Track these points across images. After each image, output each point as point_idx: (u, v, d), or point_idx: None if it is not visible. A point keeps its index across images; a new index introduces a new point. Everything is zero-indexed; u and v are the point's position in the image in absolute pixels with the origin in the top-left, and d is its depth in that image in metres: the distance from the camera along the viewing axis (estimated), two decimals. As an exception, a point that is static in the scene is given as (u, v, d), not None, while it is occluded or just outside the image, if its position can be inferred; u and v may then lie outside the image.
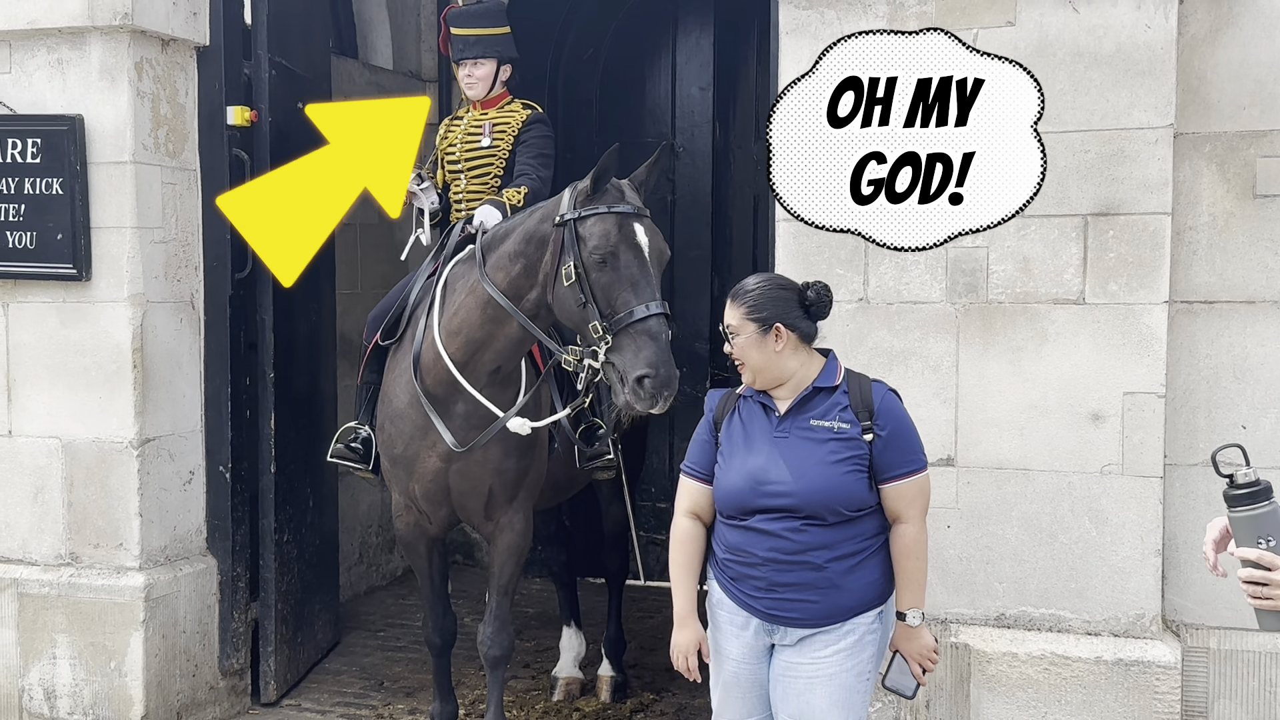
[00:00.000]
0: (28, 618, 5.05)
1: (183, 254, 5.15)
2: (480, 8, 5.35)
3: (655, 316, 3.93)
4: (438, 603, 4.88)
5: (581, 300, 4.03)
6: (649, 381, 3.86)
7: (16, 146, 4.94)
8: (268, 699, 5.48)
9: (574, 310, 4.09)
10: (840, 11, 4.39)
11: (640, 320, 3.92)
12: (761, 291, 3.24)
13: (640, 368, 3.88)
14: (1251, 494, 2.27)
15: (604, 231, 4.03)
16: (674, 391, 3.92)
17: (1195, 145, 4.29)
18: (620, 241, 4.02)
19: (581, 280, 4.03)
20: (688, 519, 3.37)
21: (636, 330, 3.92)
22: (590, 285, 4.02)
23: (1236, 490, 2.28)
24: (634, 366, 3.89)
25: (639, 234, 4.05)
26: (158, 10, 4.90)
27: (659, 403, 3.90)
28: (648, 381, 3.87)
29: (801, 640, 3.19)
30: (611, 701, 5.46)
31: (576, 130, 7.43)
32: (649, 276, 4.01)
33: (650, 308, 3.93)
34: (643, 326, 3.92)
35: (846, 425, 3.16)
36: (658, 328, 3.93)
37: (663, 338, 3.92)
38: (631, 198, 4.13)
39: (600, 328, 3.96)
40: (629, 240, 4.03)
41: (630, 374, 3.89)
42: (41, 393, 5.04)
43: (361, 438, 4.90)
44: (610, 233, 4.02)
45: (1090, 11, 4.19)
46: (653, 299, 3.96)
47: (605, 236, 4.02)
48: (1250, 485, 2.27)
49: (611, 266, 4.01)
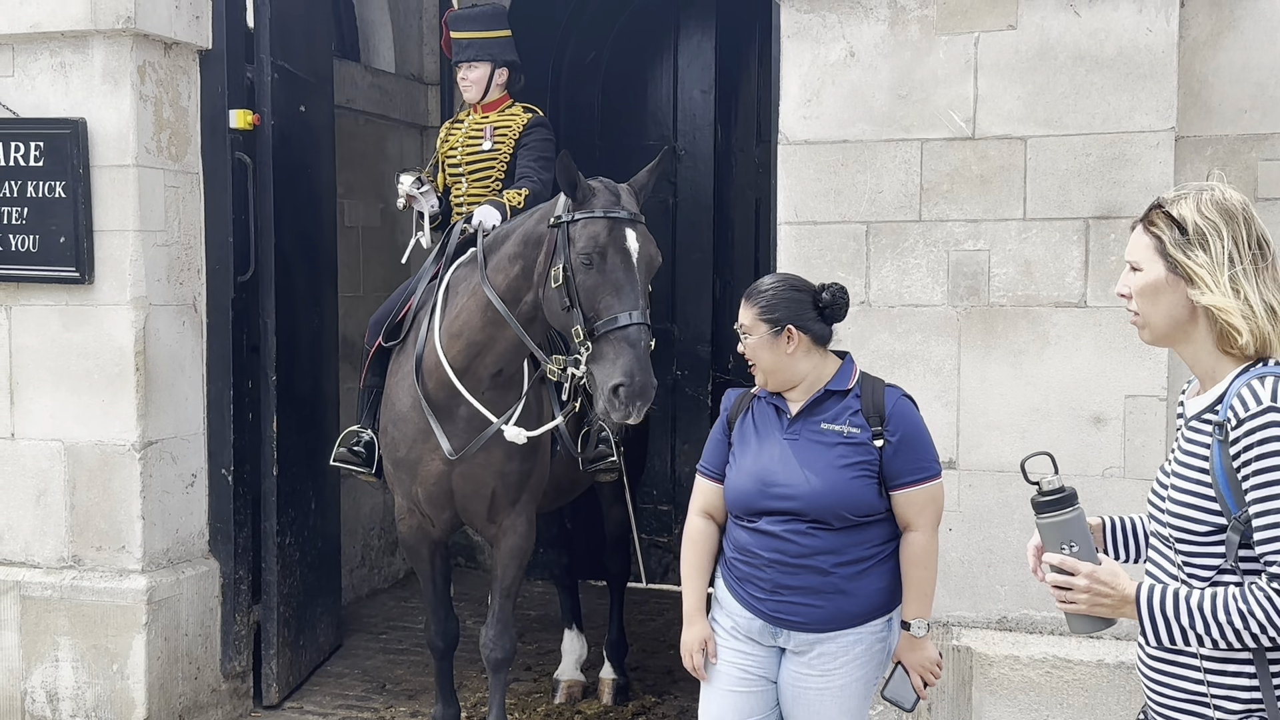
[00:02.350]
0: (30, 620, 5.06)
1: (185, 257, 5.16)
2: (477, 11, 5.36)
3: (635, 325, 3.92)
4: (440, 605, 4.88)
5: (566, 304, 4.03)
6: (624, 390, 3.86)
7: (19, 150, 4.94)
8: (270, 701, 5.48)
9: (559, 313, 4.09)
10: (842, 15, 4.40)
11: (620, 328, 3.92)
12: (775, 292, 3.20)
13: (616, 376, 3.88)
14: (1056, 501, 2.30)
15: (593, 234, 4.02)
16: (649, 400, 3.92)
17: (1197, 148, 4.29)
18: (608, 245, 4.00)
19: (568, 283, 4.03)
20: (700, 518, 3.35)
21: (616, 338, 3.92)
22: (575, 288, 4.01)
23: (1043, 497, 2.31)
24: (610, 375, 3.89)
25: (629, 239, 4.04)
26: (160, 14, 4.91)
27: (633, 412, 3.90)
28: (623, 390, 3.86)
29: (810, 651, 3.16)
30: (613, 704, 5.46)
31: (578, 133, 7.44)
32: (634, 283, 4.00)
33: (632, 315, 3.93)
34: (622, 334, 3.92)
35: (857, 430, 3.13)
36: (636, 336, 3.92)
37: (641, 346, 3.91)
38: (627, 202, 4.11)
39: (581, 333, 3.97)
40: (617, 245, 4.02)
41: (606, 383, 3.90)
42: (44, 395, 5.05)
43: (364, 441, 4.91)
44: (599, 236, 4.01)
45: (1092, 15, 4.19)
46: (635, 306, 3.95)
47: (593, 239, 4.01)
48: (1055, 492, 2.30)
49: (598, 270, 4.00)
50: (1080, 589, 2.26)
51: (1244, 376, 2.24)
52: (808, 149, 4.46)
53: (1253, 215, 2.27)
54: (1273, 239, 2.28)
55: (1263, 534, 2.17)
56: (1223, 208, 2.26)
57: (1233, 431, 2.19)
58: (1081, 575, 2.26)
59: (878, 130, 4.38)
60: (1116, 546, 2.60)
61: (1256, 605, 2.15)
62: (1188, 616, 2.21)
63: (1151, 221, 2.31)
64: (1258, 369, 2.25)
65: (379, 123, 7.21)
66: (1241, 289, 2.23)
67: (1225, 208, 2.26)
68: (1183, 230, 2.27)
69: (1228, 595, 2.19)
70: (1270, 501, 2.16)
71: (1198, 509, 2.27)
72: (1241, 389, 2.20)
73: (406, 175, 5.17)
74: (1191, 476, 2.29)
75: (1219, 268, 2.23)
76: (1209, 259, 2.24)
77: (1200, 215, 2.26)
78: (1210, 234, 2.25)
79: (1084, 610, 2.28)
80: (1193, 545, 2.29)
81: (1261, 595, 2.16)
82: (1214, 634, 2.19)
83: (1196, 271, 2.25)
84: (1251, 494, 2.18)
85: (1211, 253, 2.24)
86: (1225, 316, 2.24)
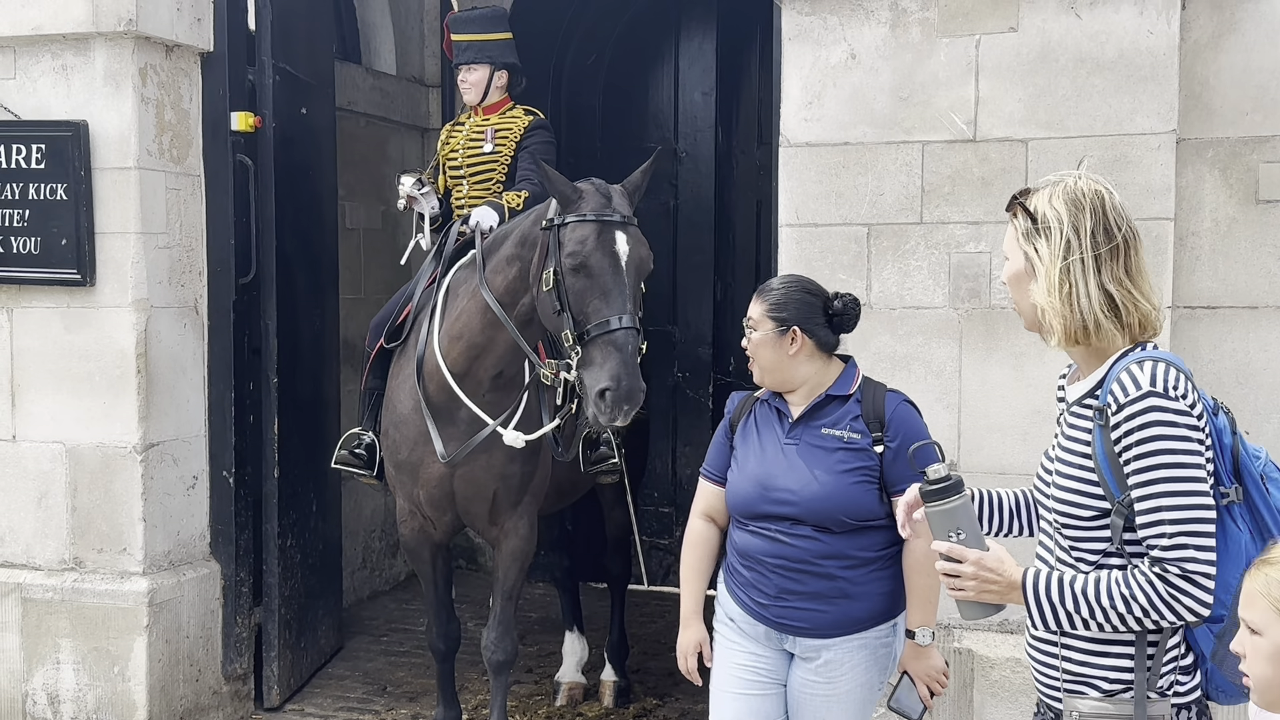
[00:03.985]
0: (31, 623, 5.06)
1: (187, 259, 5.16)
2: (477, 13, 5.36)
3: (623, 329, 3.92)
4: (441, 608, 4.88)
5: (557, 307, 4.03)
6: (610, 394, 3.86)
7: (21, 152, 4.94)
8: (271, 704, 5.48)
9: (551, 316, 4.10)
10: (843, 17, 4.40)
11: (607, 332, 3.92)
12: (786, 292, 3.19)
13: (602, 380, 3.88)
14: (943, 489, 2.31)
15: (581, 238, 4.01)
16: (637, 404, 3.91)
17: (1198, 151, 4.29)
18: (596, 249, 4.00)
19: (559, 286, 4.03)
20: (702, 521, 3.34)
21: (603, 342, 3.92)
22: (565, 291, 4.01)
23: (930, 486, 2.32)
24: (597, 379, 3.89)
25: (618, 242, 4.03)
26: (162, 16, 4.91)
27: (620, 416, 3.89)
28: (609, 394, 3.86)
29: (817, 658, 3.14)
30: (614, 706, 5.46)
31: (579, 135, 7.44)
32: (622, 286, 3.99)
33: (621, 320, 3.92)
34: (609, 338, 3.92)
35: (857, 435, 3.12)
36: (623, 339, 3.92)
37: (628, 349, 3.91)
38: (618, 204, 4.11)
39: (571, 337, 3.97)
40: (606, 248, 4.01)
41: (593, 387, 3.90)
42: (45, 398, 5.05)
43: (365, 443, 4.91)
44: (587, 239, 4.01)
45: (1093, 17, 4.19)
46: (623, 310, 3.95)
47: (581, 243, 4.00)
48: (942, 481, 2.31)
49: (585, 274, 4.00)
50: (968, 576, 2.27)
51: (1123, 361, 2.26)
52: (809, 151, 4.46)
53: (1106, 205, 2.27)
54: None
55: (1145, 518, 2.20)
56: (1071, 197, 2.28)
57: (1113, 417, 2.21)
58: (969, 563, 2.27)
59: (879, 132, 4.38)
60: (1002, 520, 2.65)
61: (1139, 589, 2.18)
62: (1073, 601, 2.23)
63: (1014, 212, 2.35)
64: (1136, 353, 2.27)
65: (380, 125, 7.22)
66: (1072, 279, 2.25)
67: (1073, 197, 2.28)
68: (1034, 220, 2.30)
69: (1111, 580, 2.21)
70: (1151, 486, 2.19)
71: (1081, 494, 2.30)
72: (1121, 374, 2.23)
73: (407, 177, 5.18)
74: (1074, 462, 2.32)
75: (1056, 257, 2.26)
76: (1049, 248, 2.27)
77: (1049, 205, 2.29)
78: (1053, 223, 2.27)
79: (973, 597, 2.30)
80: (1078, 530, 2.32)
81: (1144, 579, 2.19)
82: (1098, 618, 2.22)
83: (1036, 263, 2.29)
84: (1133, 479, 2.21)
85: (1051, 242, 2.27)
86: (1045, 317, 2.29)
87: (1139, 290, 2.27)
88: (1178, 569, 2.16)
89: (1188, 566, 2.15)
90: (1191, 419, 2.19)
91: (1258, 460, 2.31)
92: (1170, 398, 2.18)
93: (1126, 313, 2.26)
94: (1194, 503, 2.18)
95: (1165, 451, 2.17)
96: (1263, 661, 1.85)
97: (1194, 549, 2.15)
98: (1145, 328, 2.29)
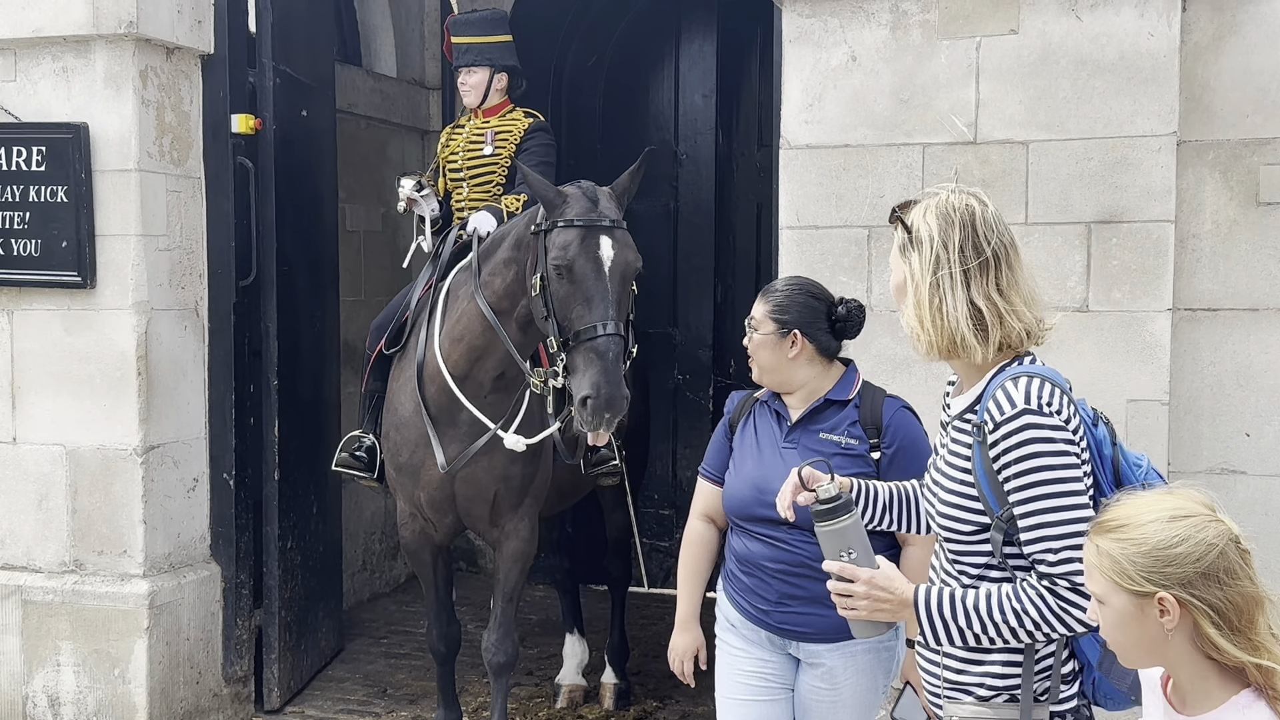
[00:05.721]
0: (32, 625, 5.06)
1: (187, 261, 5.16)
2: (476, 16, 5.37)
3: (604, 336, 3.90)
4: (442, 610, 4.88)
5: (544, 313, 4.03)
6: (590, 403, 3.85)
7: (21, 154, 4.94)
8: (271, 706, 5.48)
9: (541, 321, 4.09)
10: (844, 20, 4.40)
11: (589, 339, 3.91)
12: (790, 294, 3.18)
13: (584, 389, 3.87)
14: (833, 509, 2.31)
15: (564, 243, 4.00)
16: (619, 412, 3.89)
17: (1198, 153, 4.29)
18: (579, 254, 3.98)
19: (546, 291, 4.02)
20: (700, 521, 3.33)
21: (586, 349, 3.91)
22: (550, 297, 4.01)
23: (820, 506, 2.32)
24: (579, 387, 3.89)
25: (603, 246, 4.01)
26: (162, 19, 4.91)
27: (602, 425, 3.88)
28: (590, 403, 3.85)
29: (821, 664, 3.13)
30: (615, 709, 5.46)
31: (579, 138, 7.44)
32: (604, 292, 3.97)
33: (604, 326, 3.91)
34: (591, 345, 3.90)
35: (855, 441, 3.10)
36: (605, 346, 3.89)
37: (610, 357, 3.88)
38: (605, 208, 4.09)
39: (556, 344, 3.96)
40: (589, 253, 3.99)
41: (575, 395, 3.89)
42: (46, 400, 5.05)
43: (366, 446, 4.91)
44: (570, 244, 3.99)
45: (1093, 19, 4.19)
46: (605, 317, 3.92)
47: (564, 248, 3.99)
48: (831, 501, 2.31)
49: (569, 279, 3.98)
50: (860, 595, 2.28)
51: (1000, 376, 2.27)
52: (809, 153, 4.46)
53: (977, 219, 2.28)
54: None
55: (1029, 534, 2.22)
56: (942, 211, 2.29)
57: (990, 434, 2.23)
58: (860, 582, 2.27)
59: (879, 135, 4.38)
60: (875, 514, 2.68)
61: (1030, 604, 2.20)
62: (964, 617, 2.24)
63: (894, 225, 2.36)
64: (1012, 369, 2.29)
65: (380, 127, 7.22)
66: (941, 293, 2.26)
67: (944, 211, 2.29)
68: (909, 233, 2.31)
69: (1002, 595, 2.22)
70: (1033, 503, 2.20)
71: (962, 509, 2.31)
72: (997, 391, 2.24)
73: (407, 179, 5.17)
74: (955, 477, 2.33)
75: (926, 271, 2.27)
76: (920, 262, 2.28)
77: (923, 220, 2.30)
78: (925, 238, 2.28)
79: (865, 616, 2.30)
80: (959, 544, 2.34)
81: (1034, 593, 2.20)
82: (990, 633, 2.23)
83: (908, 276, 2.30)
84: (1013, 495, 2.22)
85: (922, 256, 2.28)
86: (914, 330, 2.31)
87: (1014, 304, 2.28)
88: (1067, 583, 2.18)
89: (1076, 580, 2.16)
90: (1067, 433, 2.21)
91: (1139, 468, 2.34)
92: (1044, 414, 2.19)
93: (994, 328, 2.26)
94: (1076, 516, 2.19)
95: (1044, 468, 2.19)
96: (1112, 629, 1.87)
97: (1080, 562, 2.13)
98: (1026, 340, 2.30)
